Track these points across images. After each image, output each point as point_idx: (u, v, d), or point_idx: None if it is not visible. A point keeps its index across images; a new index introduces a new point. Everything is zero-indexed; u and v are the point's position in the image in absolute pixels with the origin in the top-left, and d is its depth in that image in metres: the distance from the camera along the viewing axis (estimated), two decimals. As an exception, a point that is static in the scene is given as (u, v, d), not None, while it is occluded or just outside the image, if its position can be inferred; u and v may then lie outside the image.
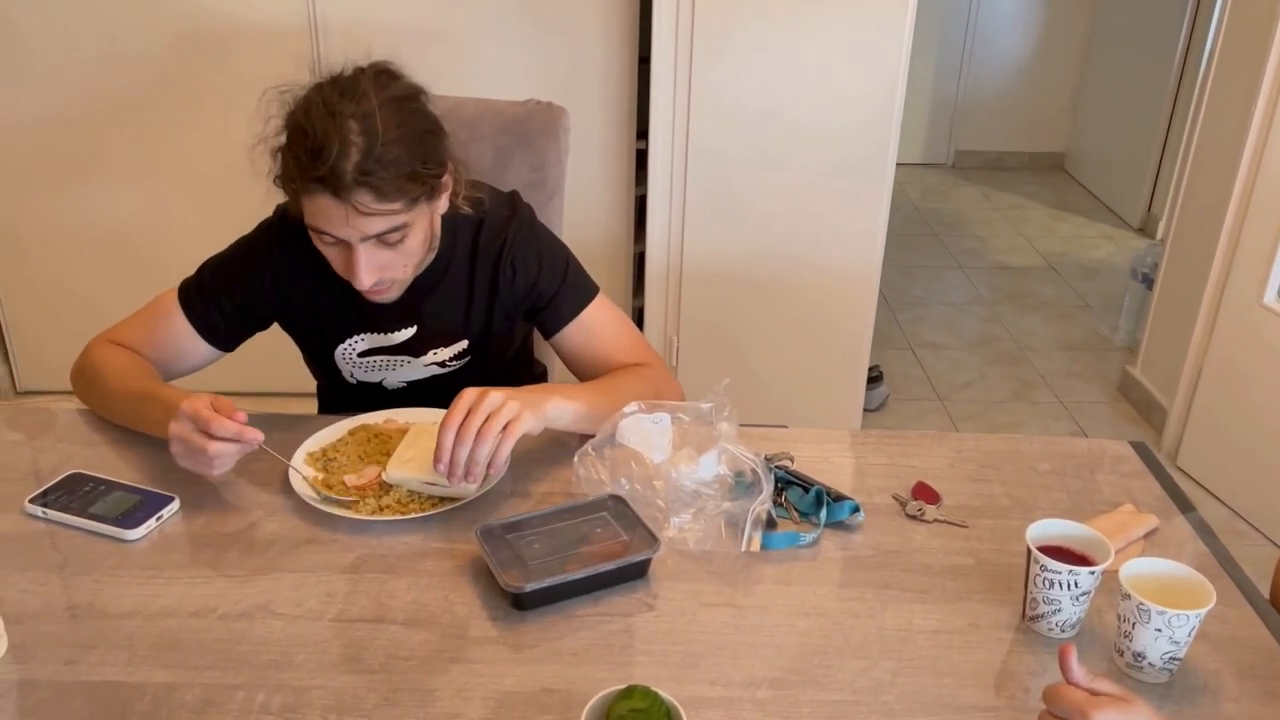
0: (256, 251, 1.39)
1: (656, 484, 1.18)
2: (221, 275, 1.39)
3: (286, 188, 1.21)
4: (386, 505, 1.18)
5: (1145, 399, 3.03)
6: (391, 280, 1.28)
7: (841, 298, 2.64)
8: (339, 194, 1.14)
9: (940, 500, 1.23)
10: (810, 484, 1.22)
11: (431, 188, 1.23)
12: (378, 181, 1.15)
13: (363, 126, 1.14)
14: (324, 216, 1.18)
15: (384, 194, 1.16)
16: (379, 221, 1.18)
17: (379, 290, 1.28)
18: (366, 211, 1.16)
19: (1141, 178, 4.48)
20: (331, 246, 1.23)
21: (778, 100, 2.45)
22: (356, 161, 1.13)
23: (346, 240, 1.20)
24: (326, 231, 1.20)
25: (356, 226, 1.17)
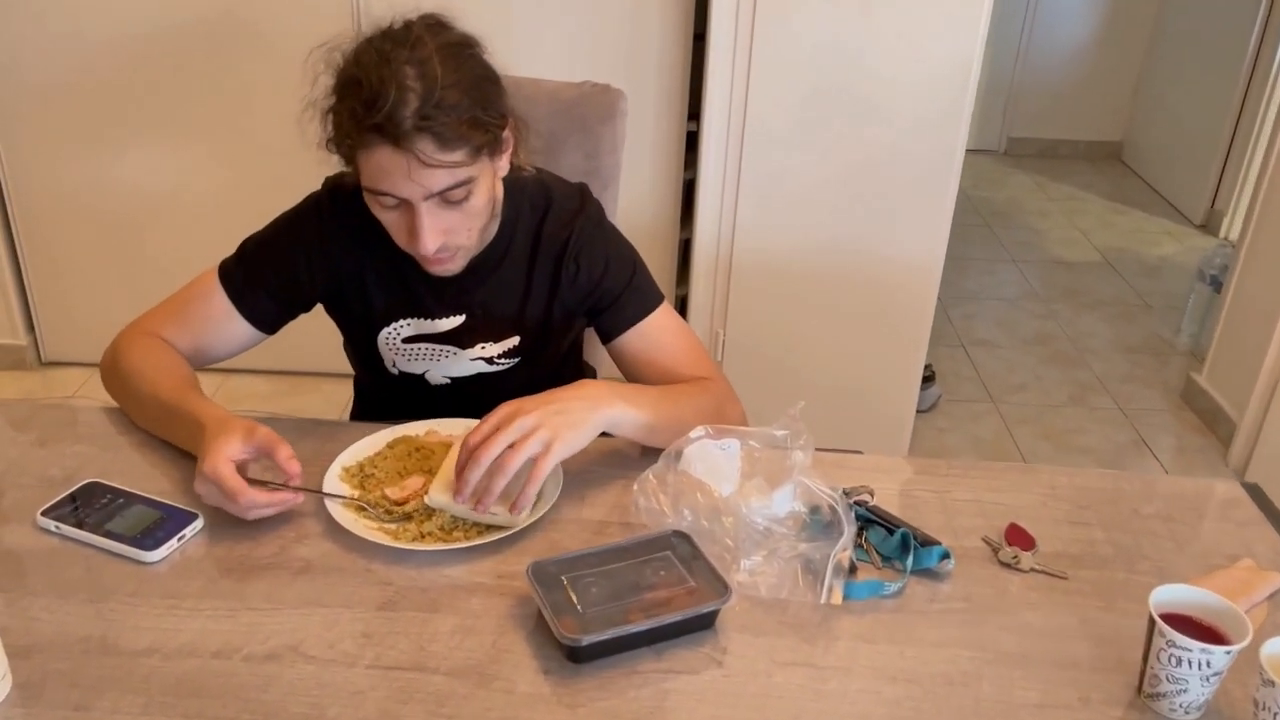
0: (305, 226, 1.29)
1: (725, 521, 1.07)
2: (266, 252, 1.29)
3: (341, 147, 1.12)
4: (428, 533, 1.07)
5: (1211, 409, 2.88)
6: (456, 247, 1.18)
7: (900, 294, 2.50)
8: (399, 143, 1.06)
9: (1036, 546, 1.12)
10: (894, 525, 1.10)
11: (494, 138, 1.14)
12: (439, 127, 1.06)
13: (419, 72, 1.06)
14: (383, 173, 1.09)
15: (446, 141, 1.07)
16: (442, 175, 1.09)
17: (442, 258, 1.19)
18: (429, 162, 1.07)
19: (1205, 172, 4.30)
20: (391, 210, 1.14)
21: (843, 82, 2.31)
22: (415, 107, 1.05)
23: (408, 200, 1.11)
24: (386, 191, 1.11)
25: (419, 181, 1.08)
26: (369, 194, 1.13)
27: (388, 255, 1.26)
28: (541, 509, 1.11)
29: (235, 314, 1.28)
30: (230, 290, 1.28)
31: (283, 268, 1.29)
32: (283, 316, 1.32)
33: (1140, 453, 2.77)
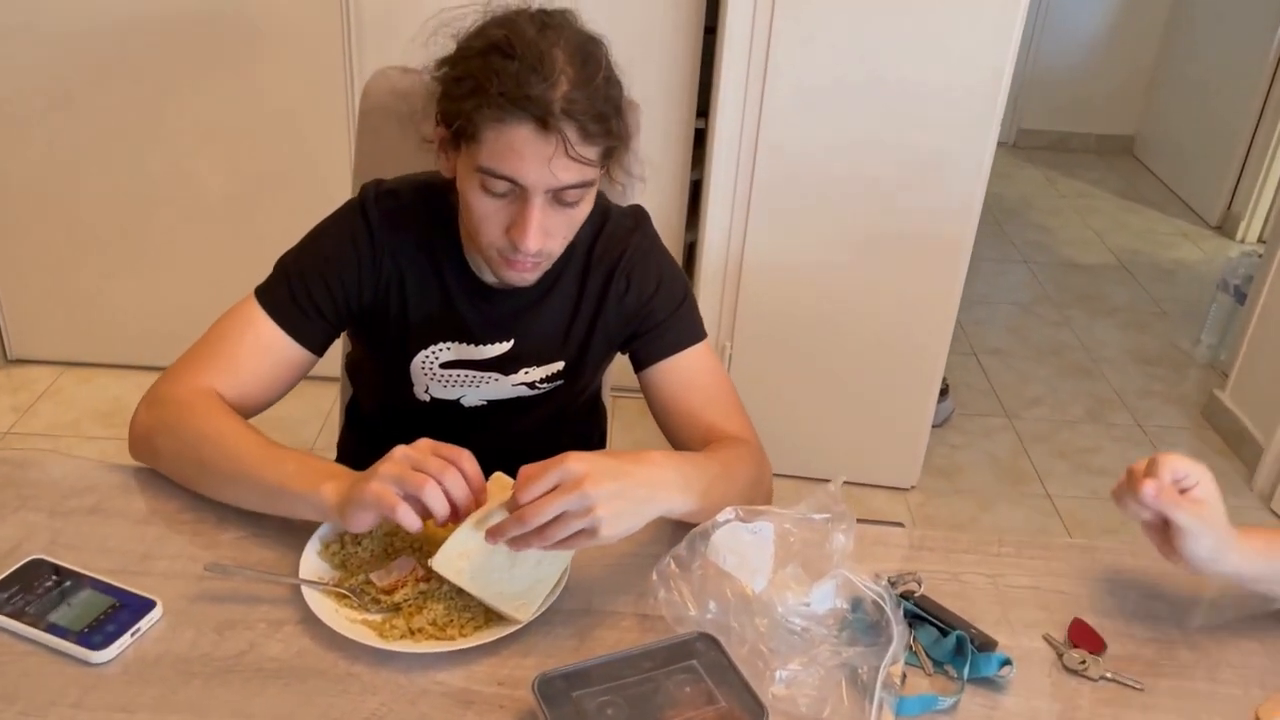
0: (352, 235, 1.17)
1: (759, 622, 0.94)
2: (311, 265, 1.16)
3: (472, 115, 0.99)
4: (419, 628, 0.94)
5: (1236, 430, 2.77)
6: (548, 254, 1.10)
7: (920, 305, 2.36)
8: (547, 124, 0.97)
9: (1105, 648, 0.99)
10: (948, 625, 0.98)
11: (616, 151, 1.07)
12: (583, 118, 0.99)
13: (571, 57, 1.00)
14: (515, 154, 0.99)
15: (588, 135, 1.00)
16: (574, 169, 1.01)
17: (529, 264, 1.08)
18: (570, 153, 0.99)
19: (1223, 171, 4.17)
20: (498, 199, 1.04)
21: (867, 82, 2.16)
22: (565, 91, 0.98)
23: (528, 189, 1.01)
24: (509, 175, 1.01)
25: (554, 170, 1.00)
26: (482, 174, 1.02)
27: (435, 273, 1.18)
28: (550, 599, 0.98)
29: (287, 339, 1.15)
30: (276, 314, 1.15)
31: (332, 281, 1.16)
32: (331, 335, 1.20)
33: (1161, 474, 2.65)
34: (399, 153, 1.41)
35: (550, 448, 1.37)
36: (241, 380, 1.13)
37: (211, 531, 1.05)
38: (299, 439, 2.52)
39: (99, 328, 2.74)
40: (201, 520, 1.07)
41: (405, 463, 0.93)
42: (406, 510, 0.92)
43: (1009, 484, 2.60)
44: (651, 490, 0.97)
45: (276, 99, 2.47)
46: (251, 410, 1.15)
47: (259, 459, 1.03)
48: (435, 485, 0.92)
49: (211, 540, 1.04)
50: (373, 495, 0.92)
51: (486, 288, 1.19)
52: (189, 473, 1.09)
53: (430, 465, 0.93)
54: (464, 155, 1.04)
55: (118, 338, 2.75)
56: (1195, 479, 0.98)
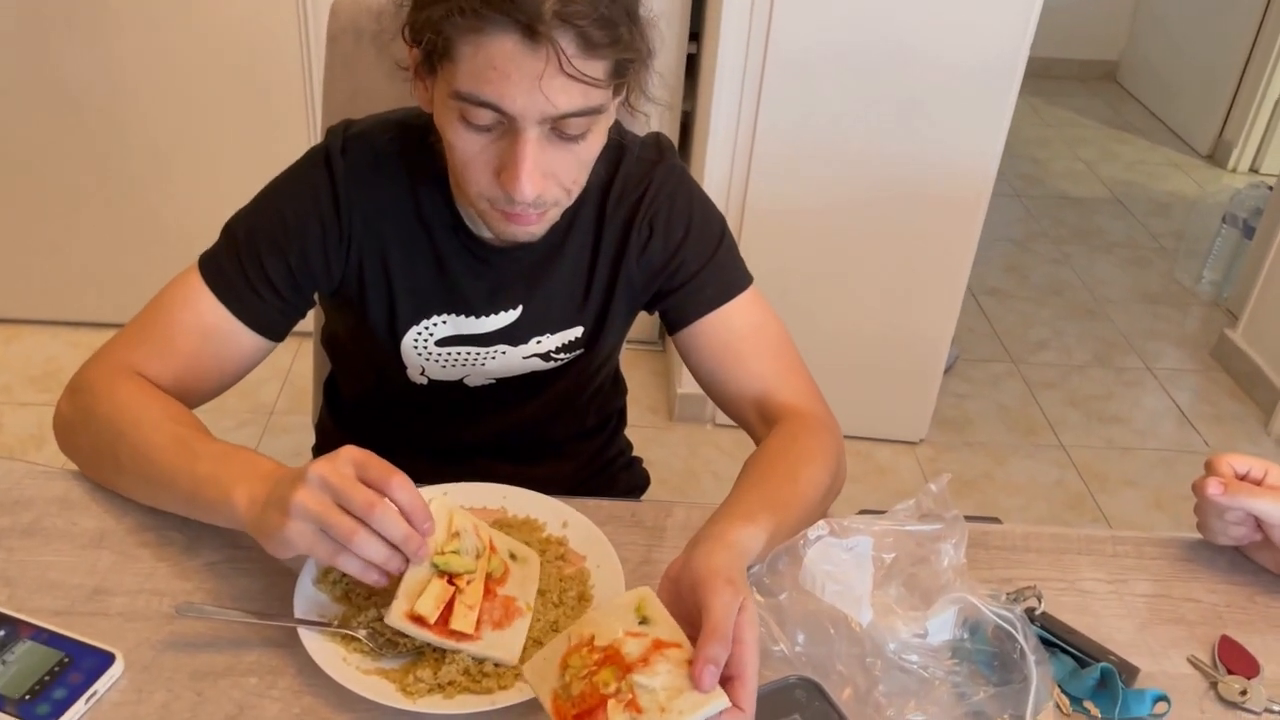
0: (313, 189, 0.96)
1: (871, 662, 0.77)
2: (263, 229, 0.96)
3: (441, 27, 0.79)
4: (451, 681, 0.76)
5: (1250, 372, 2.66)
6: (551, 203, 0.89)
7: (931, 250, 2.19)
8: (534, 32, 0.77)
9: (1260, 670, 0.84)
10: (1085, 653, 0.82)
11: (632, 67, 0.85)
12: (583, 23, 0.78)
13: None
14: (499, 74, 0.78)
15: (592, 46, 0.79)
16: (576, 91, 0.80)
17: (532, 216, 0.88)
18: (566, 69, 0.78)
19: (1214, 97, 4.03)
20: (481, 134, 0.84)
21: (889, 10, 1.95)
22: None
23: (516, 119, 0.81)
24: (492, 101, 0.80)
25: (546, 93, 0.79)
26: (460, 102, 0.82)
27: (424, 230, 0.98)
28: (604, 635, 0.80)
29: (233, 321, 0.95)
30: (221, 290, 0.94)
31: (290, 251, 0.95)
32: (292, 315, 0.99)
33: (1177, 422, 2.54)
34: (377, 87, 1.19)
35: (571, 430, 1.19)
36: (177, 366, 0.93)
37: (179, 556, 0.86)
38: (256, 402, 2.30)
39: (28, 279, 2.48)
40: (166, 542, 0.87)
41: (324, 493, 0.73)
42: (349, 560, 0.73)
43: (1021, 435, 2.47)
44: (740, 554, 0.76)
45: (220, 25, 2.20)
46: (193, 402, 0.95)
47: (172, 456, 0.84)
48: (365, 533, 0.73)
49: (180, 568, 0.85)
50: (294, 538, 0.73)
51: (485, 247, 0.98)
52: (108, 474, 0.90)
53: (355, 501, 0.73)
54: (440, 81, 0.83)
55: (49, 290, 2.49)
56: (1263, 469, 0.88)
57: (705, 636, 0.67)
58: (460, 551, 0.79)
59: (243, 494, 0.79)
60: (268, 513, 0.76)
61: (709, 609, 0.68)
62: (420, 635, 0.76)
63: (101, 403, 0.90)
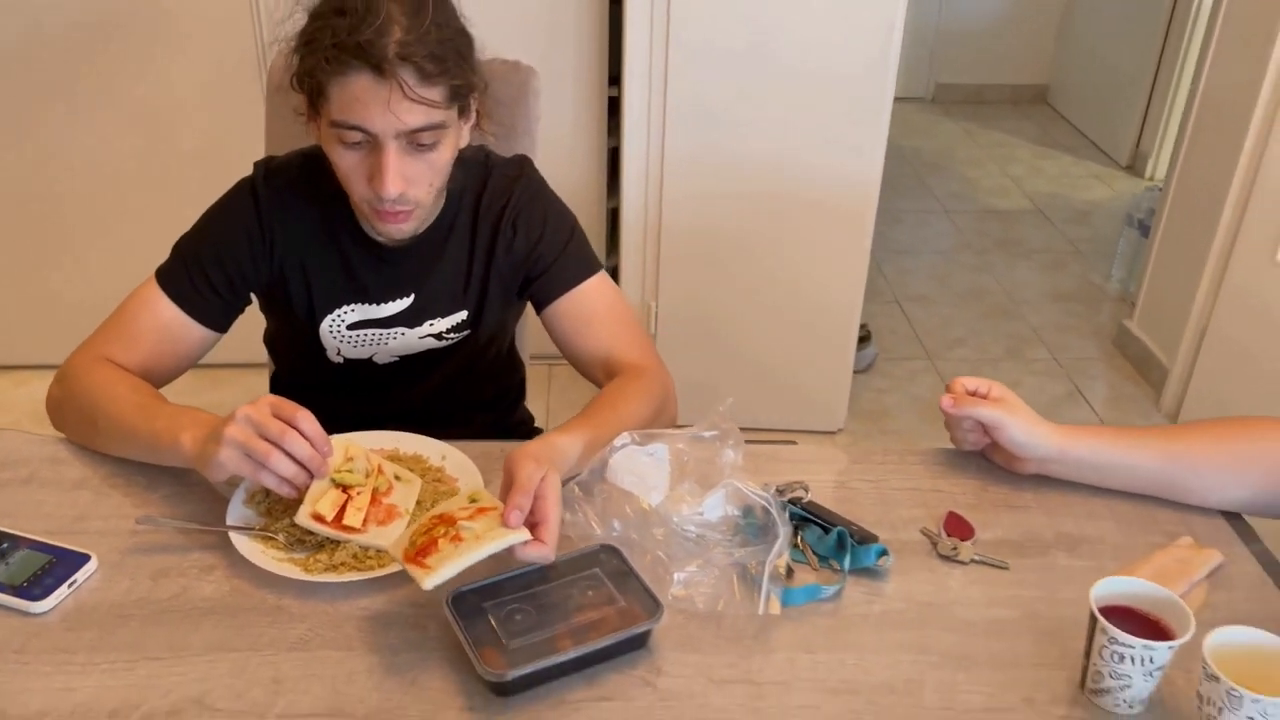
0: (241, 211, 1.24)
1: (657, 532, 1.02)
2: (204, 247, 1.24)
3: (312, 77, 1.08)
4: (342, 562, 1.01)
5: (1143, 356, 2.91)
6: (414, 202, 1.15)
7: (833, 253, 2.46)
8: (381, 70, 1.04)
9: (975, 534, 1.09)
10: (830, 523, 1.06)
11: (468, 91, 1.14)
12: (421, 60, 1.06)
13: (405, 8, 1.07)
14: (358, 103, 1.06)
15: (427, 75, 1.06)
16: (419, 112, 1.08)
17: (400, 213, 1.15)
18: (409, 94, 1.06)
19: (1130, 112, 4.32)
20: (355, 150, 1.11)
21: (765, 38, 2.23)
22: (399, 37, 1.05)
23: (378, 136, 1.08)
24: (358, 124, 1.08)
25: (396, 113, 1.07)
26: (334, 129, 1.10)
27: (330, 239, 1.25)
28: (462, 528, 1.05)
29: (185, 318, 1.22)
30: (174, 294, 1.22)
31: (225, 259, 1.23)
32: (231, 312, 1.27)
33: (1075, 404, 2.79)
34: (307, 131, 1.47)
35: (471, 400, 1.44)
36: (142, 355, 1.20)
37: (141, 492, 1.11)
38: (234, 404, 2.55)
39: (31, 328, 2.75)
40: (131, 483, 1.13)
41: (248, 426, 0.98)
42: (267, 476, 0.99)
43: (933, 422, 2.70)
44: (571, 463, 1.06)
45: (191, 85, 2.49)
46: (157, 383, 1.22)
47: (136, 415, 1.11)
48: (279, 454, 0.98)
49: (142, 500, 1.10)
50: (225, 461, 0.99)
51: (381, 247, 1.25)
52: (88, 434, 1.16)
53: (271, 430, 0.98)
54: (321, 116, 1.10)
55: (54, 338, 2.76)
56: (988, 387, 1.12)
57: (511, 492, 0.93)
58: (353, 471, 1.05)
59: (188, 437, 1.05)
60: (207, 445, 1.01)
61: (516, 475, 0.95)
62: (320, 530, 1.01)
63: (82, 382, 1.16)
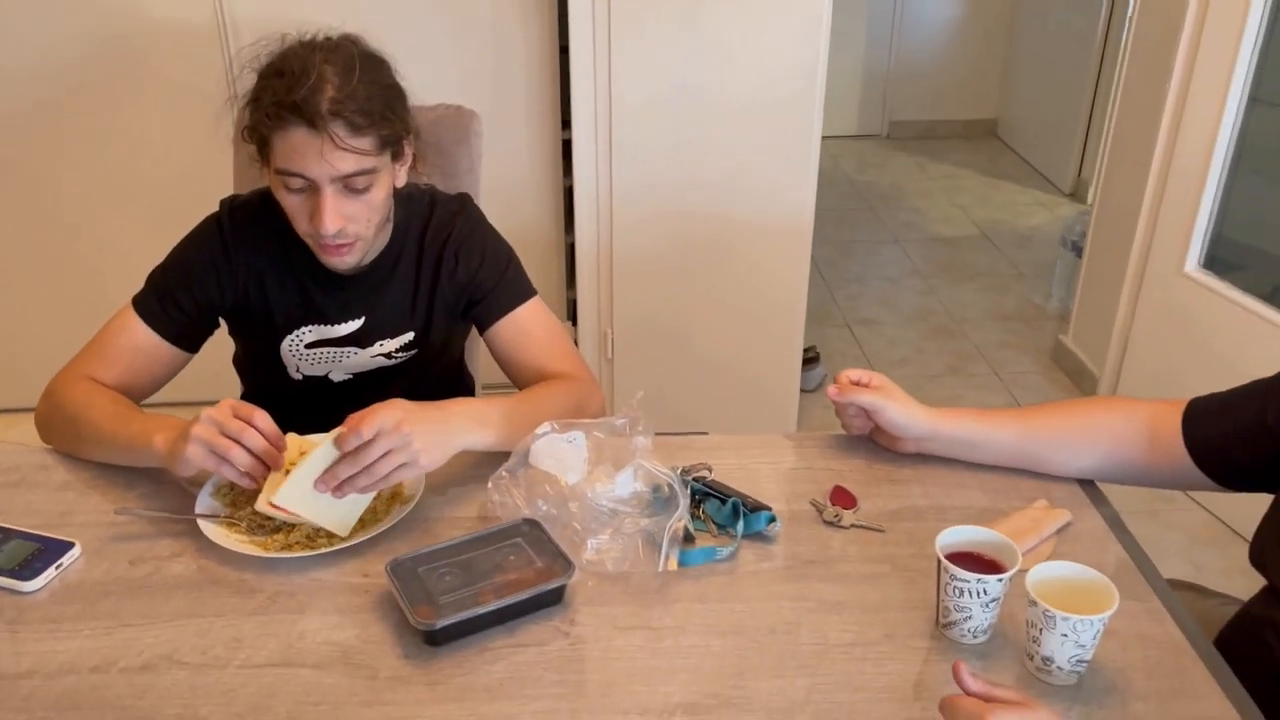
0: (208, 243, 1.40)
1: (572, 506, 1.16)
2: (175, 274, 1.39)
3: (257, 130, 1.23)
4: (296, 542, 1.15)
5: (1077, 368, 3.08)
6: (354, 237, 1.30)
7: (774, 277, 2.63)
8: (315, 124, 1.19)
9: (857, 504, 1.24)
10: (727, 495, 1.21)
11: (398, 141, 1.29)
12: (351, 115, 1.20)
13: (337, 69, 1.22)
14: (297, 153, 1.21)
15: (357, 128, 1.21)
16: (350, 159, 1.22)
17: (340, 246, 1.30)
18: (341, 145, 1.20)
19: (1071, 143, 4.53)
20: (297, 194, 1.25)
21: (700, 82, 2.42)
22: (331, 95, 1.20)
23: (315, 181, 1.23)
24: (297, 171, 1.22)
25: (329, 161, 1.21)
26: (279, 176, 1.25)
27: (289, 267, 1.40)
28: (402, 512, 1.19)
29: (157, 339, 1.37)
30: (148, 318, 1.37)
31: (194, 284, 1.38)
32: (201, 333, 1.42)
33: (1013, 414, 2.94)
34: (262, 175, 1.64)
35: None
36: (119, 373, 1.35)
37: (120, 490, 1.25)
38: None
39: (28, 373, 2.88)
40: (111, 484, 1.27)
41: (211, 425, 1.13)
42: (229, 469, 1.13)
43: (878, 435, 2.85)
44: (453, 426, 1.20)
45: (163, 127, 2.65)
46: (135, 399, 1.36)
47: (113, 423, 1.25)
48: (238, 449, 1.13)
49: (120, 497, 1.24)
50: (191, 456, 1.13)
51: (337, 275, 1.40)
52: (73, 443, 1.30)
53: (230, 427, 1.13)
54: (268, 164, 1.26)
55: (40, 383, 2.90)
56: (870, 377, 1.29)
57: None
58: (306, 464, 1.19)
59: (160, 438, 1.19)
60: (176, 444, 1.16)
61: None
62: (275, 514, 1.15)
63: (66, 396, 1.31)
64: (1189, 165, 2.52)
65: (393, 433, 1.13)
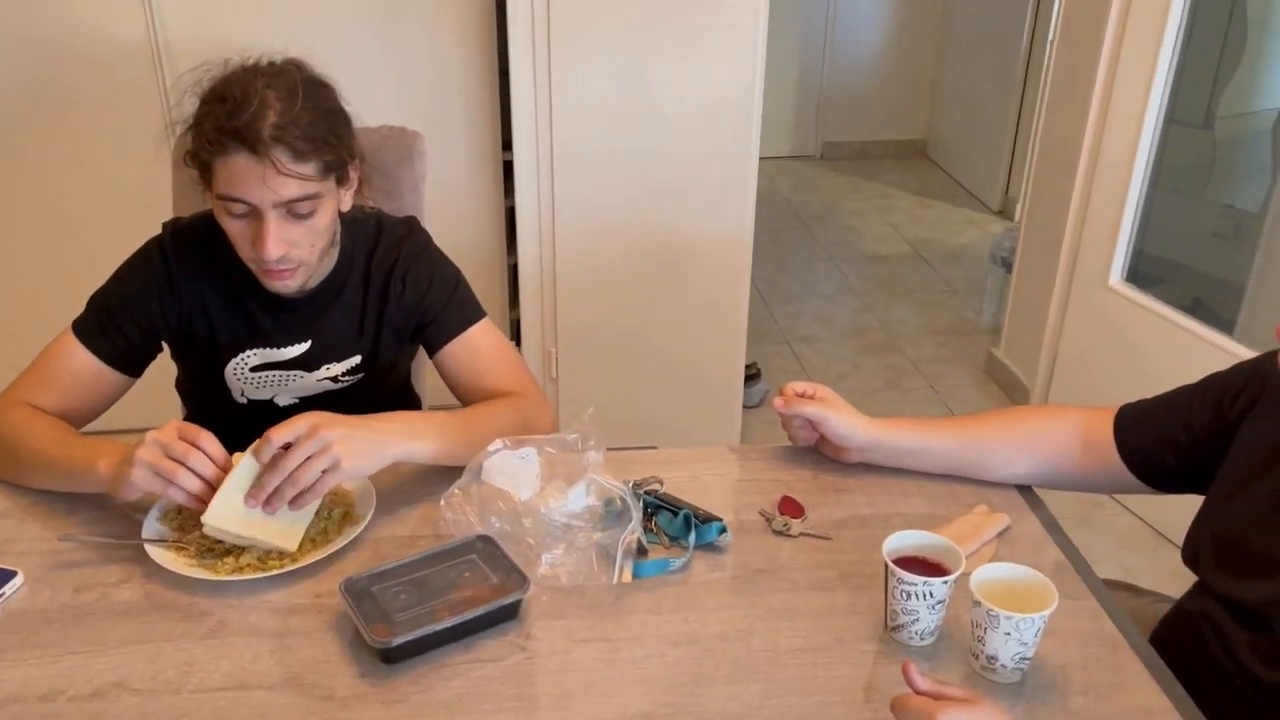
0: (150, 266, 1.38)
1: (526, 521, 1.17)
2: (116, 297, 1.37)
3: (199, 156, 1.22)
4: (247, 564, 1.14)
5: (1010, 380, 3.16)
6: (297, 262, 1.29)
7: (716, 295, 2.67)
8: (256, 149, 1.18)
9: (805, 514, 1.26)
10: (678, 507, 1.23)
11: (342, 165, 1.28)
12: (293, 140, 1.19)
13: (279, 95, 1.21)
14: (239, 179, 1.20)
15: (299, 154, 1.20)
16: (293, 185, 1.21)
17: (284, 271, 1.29)
18: (283, 170, 1.19)
19: (998, 162, 4.66)
20: (239, 219, 1.25)
21: (640, 105, 2.46)
22: (273, 120, 1.18)
23: (258, 207, 1.22)
24: (239, 197, 1.21)
25: (272, 187, 1.20)
26: (221, 201, 1.24)
27: (233, 290, 1.38)
28: (355, 531, 1.19)
29: (99, 364, 1.35)
30: (89, 342, 1.34)
31: (136, 307, 1.36)
32: (144, 358, 1.40)
33: (949, 426, 3.01)
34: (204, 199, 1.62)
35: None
36: (59, 399, 1.33)
37: (62, 517, 1.23)
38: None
39: None
40: (52, 510, 1.24)
41: (156, 447, 1.12)
42: (176, 491, 1.12)
43: (819, 450, 2.90)
44: (383, 435, 1.20)
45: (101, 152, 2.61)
46: (76, 424, 1.34)
47: (55, 448, 1.23)
48: (184, 471, 1.12)
49: (62, 524, 1.22)
50: (137, 480, 1.12)
51: (282, 298, 1.39)
52: (12, 469, 1.28)
53: (176, 450, 1.13)
54: (210, 189, 1.25)
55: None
56: (814, 389, 1.31)
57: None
58: (255, 486, 1.18)
59: (103, 463, 1.17)
60: (120, 467, 1.14)
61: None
62: (221, 537, 1.14)
63: (5, 421, 1.28)
64: (1110, 183, 2.62)
65: (309, 438, 1.13)
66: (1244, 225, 2.82)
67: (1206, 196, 3.06)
